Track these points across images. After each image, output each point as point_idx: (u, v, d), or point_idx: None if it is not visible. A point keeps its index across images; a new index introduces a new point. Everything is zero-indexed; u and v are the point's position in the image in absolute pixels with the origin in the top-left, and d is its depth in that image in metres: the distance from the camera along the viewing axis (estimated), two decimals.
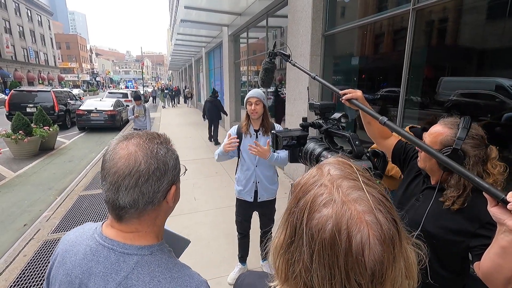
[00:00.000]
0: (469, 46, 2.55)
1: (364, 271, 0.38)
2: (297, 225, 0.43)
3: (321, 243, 0.39)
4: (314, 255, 0.40)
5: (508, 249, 0.73)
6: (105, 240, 0.65)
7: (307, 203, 0.42)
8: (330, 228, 0.39)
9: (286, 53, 1.25)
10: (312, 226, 0.40)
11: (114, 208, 0.64)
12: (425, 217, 1.08)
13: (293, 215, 0.44)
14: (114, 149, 0.64)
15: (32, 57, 39.59)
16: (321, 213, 0.40)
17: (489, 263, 0.83)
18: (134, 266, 0.62)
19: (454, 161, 0.98)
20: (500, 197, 0.63)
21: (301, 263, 0.41)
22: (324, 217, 0.40)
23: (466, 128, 1.00)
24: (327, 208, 0.40)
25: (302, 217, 0.42)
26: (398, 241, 0.41)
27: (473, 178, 0.65)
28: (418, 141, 0.79)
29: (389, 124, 0.86)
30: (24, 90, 11.48)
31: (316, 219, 0.41)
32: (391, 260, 0.40)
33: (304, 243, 0.41)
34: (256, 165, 2.32)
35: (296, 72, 4.62)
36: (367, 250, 0.38)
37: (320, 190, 0.43)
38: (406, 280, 0.42)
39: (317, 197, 0.42)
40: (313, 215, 0.41)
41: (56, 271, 0.69)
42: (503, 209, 0.66)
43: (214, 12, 7.45)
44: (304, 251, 0.41)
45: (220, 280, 2.59)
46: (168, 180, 0.66)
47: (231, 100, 9.72)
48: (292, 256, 0.43)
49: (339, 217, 0.39)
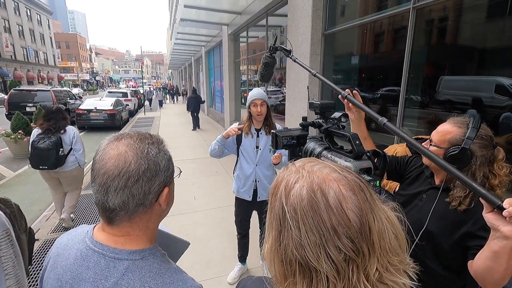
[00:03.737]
0: (470, 45, 2.54)
1: (349, 222, 0.41)
2: (279, 213, 0.45)
3: (302, 209, 0.42)
4: (300, 224, 0.42)
5: (499, 253, 0.76)
6: (95, 244, 0.63)
7: (282, 190, 0.46)
8: (305, 193, 0.43)
9: (287, 48, 1.23)
10: (291, 201, 0.44)
11: (104, 210, 0.62)
12: (430, 217, 1.08)
13: (274, 207, 0.47)
14: (104, 149, 0.62)
15: (31, 57, 39.53)
16: (295, 188, 0.45)
17: (480, 265, 0.86)
18: (125, 272, 0.60)
19: (461, 161, 1.00)
20: (496, 203, 0.64)
21: (292, 242, 0.43)
22: (298, 189, 0.44)
23: (476, 127, 1.00)
24: (298, 182, 0.45)
25: (281, 202, 0.45)
26: (368, 192, 0.45)
27: (470, 183, 0.65)
28: (417, 144, 0.78)
29: (388, 125, 0.87)
30: (23, 89, 11.48)
31: (292, 194, 0.44)
32: (369, 209, 0.43)
33: (289, 221, 0.43)
34: (256, 164, 2.32)
35: (296, 71, 4.61)
36: (343, 201, 0.42)
37: (289, 176, 0.47)
38: (394, 239, 0.45)
39: (288, 181, 0.46)
40: (288, 194, 0.45)
41: (47, 275, 0.68)
42: (498, 216, 0.68)
43: (213, 11, 7.44)
44: (291, 228, 0.43)
45: (220, 279, 2.59)
46: (160, 181, 0.64)
47: (231, 99, 9.71)
48: (283, 245, 0.44)
49: (309, 183, 0.44)
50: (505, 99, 2.20)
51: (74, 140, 3.22)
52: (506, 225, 0.68)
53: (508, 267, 0.79)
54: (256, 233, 2.65)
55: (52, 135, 3.09)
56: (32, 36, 40.51)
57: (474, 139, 0.99)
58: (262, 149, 2.29)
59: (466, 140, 0.99)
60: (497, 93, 2.24)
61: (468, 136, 0.99)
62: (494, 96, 2.26)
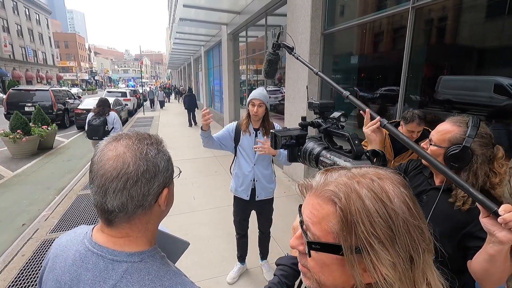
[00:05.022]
0: (469, 45, 2.54)
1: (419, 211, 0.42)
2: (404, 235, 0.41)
3: (394, 213, 0.41)
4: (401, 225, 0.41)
5: (495, 257, 0.78)
6: (94, 246, 0.63)
7: (378, 202, 0.42)
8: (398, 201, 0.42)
9: (290, 46, 1.23)
10: (395, 208, 0.41)
11: (103, 212, 0.61)
12: (431, 218, 1.07)
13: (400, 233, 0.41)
14: (103, 150, 0.61)
15: (30, 56, 39.42)
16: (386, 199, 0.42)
17: (478, 266, 0.88)
18: (123, 274, 0.59)
19: (462, 159, 1.00)
20: (493, 209, 0.66)
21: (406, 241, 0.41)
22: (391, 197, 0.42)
23: (476, 126, 1.00)
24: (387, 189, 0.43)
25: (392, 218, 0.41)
26: None
27: (467, 188, 0.66)
28: (415, 146, 0.78)
29: (388, 127, 0.87)
30: (22, 89, 11.43)
31: (391, 203, 0.42)
32: None
33: (401, 229, 0.41)
34: (255, 164, 2.32)
35: (295, 71, 4.61)
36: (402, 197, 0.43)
37: (362, 190, 0.43)
38: None
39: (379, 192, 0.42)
40: (386, 205, 0.41)
41: (46, 276, 0.68)
42: (494, 221, 0.69)
43: (213, 11, 7.43)
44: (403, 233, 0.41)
45: (219, 279, 2.59)
46: (159, 182, 0.63)
47: (230, 99, 9.69)
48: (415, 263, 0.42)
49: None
50: (504, 99, 2.20)
51: (114, 121, 4.62)
52: (501, 230, 0.70)
53: (504, 269, 0.82)
54: (255, 233, 2.65)
55: (101, 116, 4.51)
56: (31, 35, 40.38)
57: (475, 137, 0.99)
58: None
59: (467, 139, 0.99)
60: (496, 93, 2.25)
61: (469, 134, 0.99)
62: (493, 96, 2.26)
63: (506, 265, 0.81)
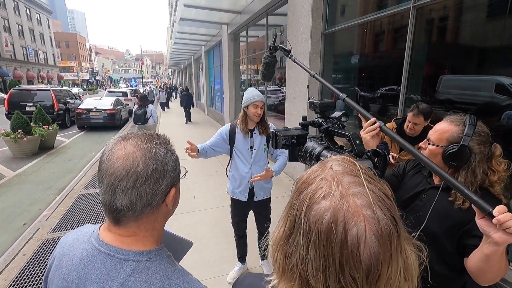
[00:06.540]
0: (470, 45, 2.54)
1: (359, 265, 0.38)
2: (296, 216, 0.44)
3: (318, 234, 0.40)
4: (310, 246, 0.40)
5: (490, 257, 0.80)
6: (101, 244, 0.63)
7: (307, 195, 0.43)
8: (327, 220, 0.39)
9: (287, 48, 1.23)
10: (310, 217, 0.41)
11: (111, 210, 0.62)
12: (431, 217, 1.07)
13: (294, 207, 0.45)
14: (112, 149, 0.62)
15: (31, 56, 39.50)
16: (320, 205, 0.41)
17: (473, 265, 0.91)
18: (131, 273, 0.59)
19: (460, 158, 1.01)
20: (487, 210, 0.66)
21: (298, 254, 0.42)
22: (322, 209, 0.40)
23: (473, 125, 1.01)
24: (326, 200, 0.41)
25: (301, 209, 0.43)
26: (397, 239, 0.40)
27: (462, 189, 0.66)
28: (412, 148, 0.78)
29: (384, 129, 0.88)
30: (23, 89, 11.44)
31: (314, 210, 0.41)
32: (387, 258, 0.39)
33: (301, 234, 0.42)
34: (252, 165, 2.31)
35: (296, 71, 4.61)
36: (362, 244, 0.38)
37: (321, 183, 0.43)
38: (405, 282, 0.42)
39: (317, 190, 0.43)
40: (312, 206, 0.42)
41: (52, 274, 0.68)
42: (489, 222, 0.70)
43: (213, 11, 7.43)
44: (301, 241, 0.42)
45: (219, 279, 2.59)
46: (167, 182, 0.64)
47: (231, 98, 9.70)
48: (290, 248, 0.44)
49: (336, 210, 0.39)
50: (505, 99, 2.20)
51: (152, 111, 6.35)
52: (496, 231, 0.71)
53: (499, 269, 0.84)
54: (254, 232, 2.65)
55: (142, 107, 6.22)
56: (31, 35, 40.46)
57: (472, 136, 1.00)
58: (257, 149, 2.29)
59: (464, 137, 1.00)
60: (497, 93, 2.24)
61: (466, 133, 1.00)
62: (494, 96, 2.26)
63: (501, 264, 0.84)
